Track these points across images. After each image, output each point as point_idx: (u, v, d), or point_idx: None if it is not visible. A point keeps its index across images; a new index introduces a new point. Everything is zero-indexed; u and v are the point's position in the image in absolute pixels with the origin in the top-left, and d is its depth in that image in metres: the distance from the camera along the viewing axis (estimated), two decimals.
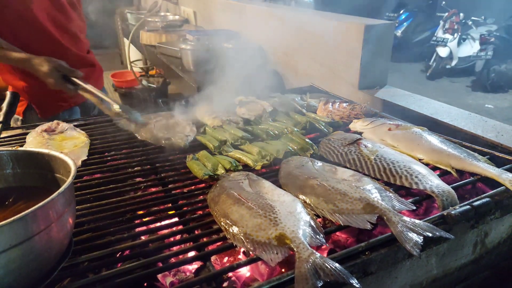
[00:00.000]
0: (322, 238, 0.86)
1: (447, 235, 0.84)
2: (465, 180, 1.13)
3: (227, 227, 0.92)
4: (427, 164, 1.19)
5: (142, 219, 1.03)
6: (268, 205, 0.95)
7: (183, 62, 2.91)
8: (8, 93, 1.71)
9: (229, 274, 0.93)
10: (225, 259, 1.01)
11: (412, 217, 1.02)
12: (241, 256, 0.99)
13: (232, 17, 3.74)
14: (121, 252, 0.91)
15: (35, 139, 1.41)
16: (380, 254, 0.83)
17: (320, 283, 0.72)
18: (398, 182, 1.08)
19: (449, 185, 1.05)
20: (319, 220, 0.97)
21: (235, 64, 2.11)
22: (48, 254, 0.73)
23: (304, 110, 1.76)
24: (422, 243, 0.80)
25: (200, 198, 1.12)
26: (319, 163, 1.21)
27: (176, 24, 4.17)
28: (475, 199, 0.97)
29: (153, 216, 1.04)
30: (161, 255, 0.87)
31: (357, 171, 1.17)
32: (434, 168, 1.18)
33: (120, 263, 0.88)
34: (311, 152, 1.35)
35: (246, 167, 1.28)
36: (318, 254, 0.77)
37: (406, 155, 1.23)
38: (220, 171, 1.22)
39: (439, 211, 0.97)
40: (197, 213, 1.05)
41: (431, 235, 0.83)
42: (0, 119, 1.57)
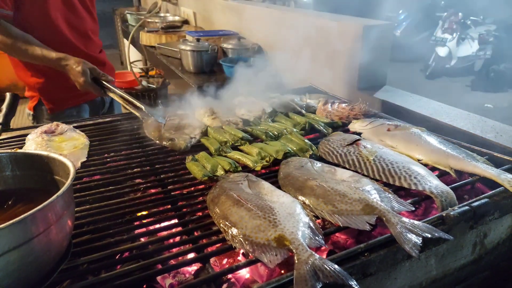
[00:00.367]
0: (321, 239, 0.86)
1: (446, 236, 0.84)
2: (464, 180, 1.13)
3: (226, 228, 0.92)
4: (426, 165, 1.19)
5: (142, 221, 1.03)
6: (267, 207, 0.95)
7: (183, 62, 2.91)
8: (8, 95, 1.71)
9: (229, 275, 0.93)
10: (225, 261, 1.01)
11: (411, 217, 1.03)
12: (240, 257, 0.99)
13: (231, 18, 3.75)
14: (120, 254, 0.91)
15: (34, 140, 1.41)
16: (379, 255, 0.83)
17: (319, 285, 0.72)
18: (397, 183, 1.08)
19: (448, 186, 1.05)
20: (319, 221, 0.97)
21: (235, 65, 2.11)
22: (47, 256, 0.73)
23: (303, 111, 1.76)
24: (421, 244, 0.81)
25: (199, 199, 1.12)
26: (318, 164, 1.21)
27: (176, 25, 4.18)
28: (474, 199, 0.97)
29: (153, 218, 1.04)
30: (160, 257, 0.87)
31: (356, 171, 1.17)
32: (433, 169, 1.18)
33: (119, 265, 0.88)
34: (310, 153, 1.35)
35: (246, 168, 1.28)
36: (317, 256, 0.77)
37: (405, 155, 1.23)
38: (220, 172, 1.22)
39: (438, 211, 0.97)
40: (197, 215, 1.06)
41: (430, 236, 0.83)
42: None
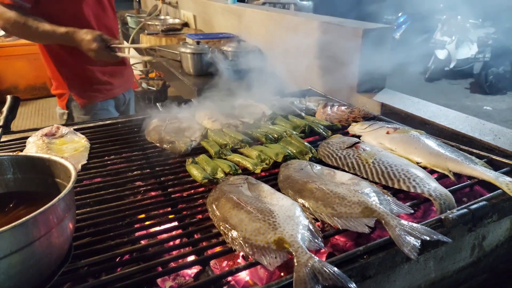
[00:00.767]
0: (320, 242, 0.86)
1: (444, 238, 0.85)
2: (463, 183, 1.13)
3: (226, 231, 0.92)
4: (425, 168, 1.19)
5: (142, 224, 1.04)
6: (267, 209, 0.95)
7: (183, 65, 2.92)
8: (9, 97, 1.72)
9: (228, 278, 0.93)
10: (225, 263, 1.02)
11: (410, 220, 1.04)
12: (240, 260, 1.00)
13: (231, 21, 3.76)
14: (120, 257, 0.91)
15: (35, 143, 1.41)
16: (378, 258, 0.84)
17: (318, 287, 0.72)
18: (396, 186, 1.09)
19: (447, 189, 1.06)
20: (318, 224, 0.98)
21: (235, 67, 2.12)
22: (49, 259, 0.73)
23: (303, 114, 1.76)
24: (419, 247, 0.81)
25: (199, 202, 1.13)
26: (317, 167, 1.21)
27: (176, 27, 4.20)
28: (472, 202, 0.98)
29: (153, 220, 1.05)
30: (160, 260, 0.88)
31: (356, 174, 1.18)
32: (432, 172, 1.19)
33: (120, 268, 0.88)
34: (310, 156, 1.35)
35: (246, 171, 1.29)
36: (316, 258, 0.78)
37: (404, 158, 1.24)
38: (220, 175, 1.23)
39: (436, 214, 0.97)
40: (197, 217, 1.06)
41: (428, 238, 0.84)
42: (0, 123, 1.58)
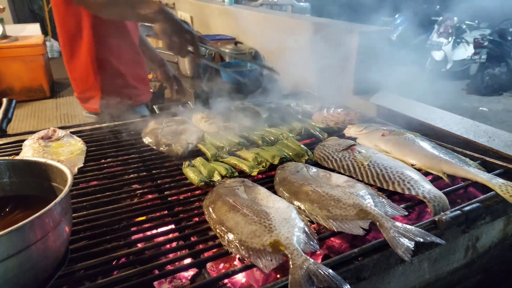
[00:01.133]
0: (315, 244, 0.87)
1: (438, 240, 0.86)
2: (457, 185, 1.14)
3: (222, 234, 0.93)
4: (420, 170, 1.20)
5: (138, 227, 1.04)
6: (263, 212, 0.96)
7: (180, 67, 2.93)
8: (4, 100, 1.72)
9: (225, 280, 0.94)
10: (221, 266, 1.02)
11: (405, 222, 1.04)
12: (236, 262, 1.00)
13: (228, 23, 3.77)
14: (117, 260, 0.91)
15: (31, 146, 1.41)
16: (373, 260, 0.85)
17: None
18: (391, 188, 1.10)
19: (442, 190, 1.07)
20: (314, 226, 0.99)
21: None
22: (45, 262, 0.73)
23: (299, 116, 1.77)
24: (413, 248, 0.82)
25: (196, 205, 1.13)
26: (313, 169, 1.22)
27: None
28: (466, 204, 0.99)
29: (149, 223, 1.05)
30: (157, 263, 0.88)
31: (351, 177, 1.18)
32: (426, 174, 1.20)
33: (116, 271, 0.88)
34: (306, 158, 1.36)
35: (242, 174, 1.29)
36: (311, 260, 0.79)
37: (399, 160, 1.25)
38: (216, 177, 1.24)
39: (431, 216, 0.98)
40: (193, 220, 1.06)
41: (422, 240, 0.85)
42: None
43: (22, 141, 1.50)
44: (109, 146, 1.53)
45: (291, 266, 0.78)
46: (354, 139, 1.49)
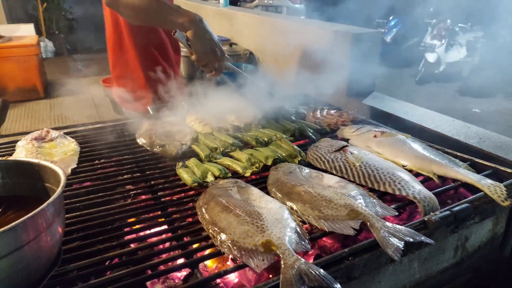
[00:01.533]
0: (307, 244, 0.88)
1: (427, 240, 0.87)
2: (447, 186, 1.16)
3: (215, 234, 0.94)
4: (411, 171, 1.22)
5: (132, 227, 1.05)
6: (255, 212, 0.97)
7: None
8: None
9: (217, 280, 0.94)
10: (214, 266, 1.03)
11: (396, 222, 1.06)
12: (229, 262, 1.01)
13: (223, 24, 3.78)
14: (110, 260, 0.92)
15: (24, 147, 1.41)
16: (363, 259, 0.86)
17: None
18: (382, 188, 1.11)
19: (432, 191, 1.08)
20: (306, 227, 1.00)
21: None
22: (38, 263, 0.74)
23: (293, 117, 1.78)
24: (403, 248, 0.83)
25: (189, 205, 1.14)
26: (306, 170, 1.23)
27: None
28: (455, 204, 1.00)
29: (143, 224, 1.06)
30: (150, 263, 0.88)
31: (343, 177, 1.20)
32: (417, 175, 1.22)
33: (109, 271, 0.89)
34: (299, 159, 1.37)
35: (236, 174, 1.30)
36: (303, 260, 0.80)
37: (390, 161, 1.26)
38: (210, 178, 1.24)
39: (421, 216, 1.00)
40: (186, 221, 1.07)
41: (412, 240, 0.86)
42: None
43: (16, 142, 1.49)
44: (103, 147, 1.53)
45: (283, 266, 0.79)
46: (347, 140, 1.50)
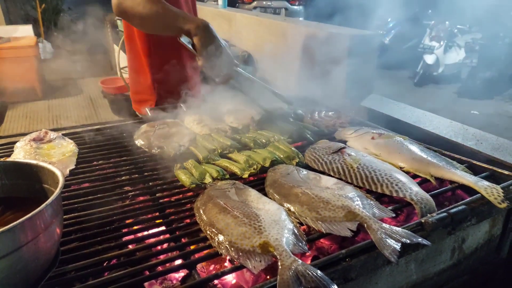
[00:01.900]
0: (304, 245, 0.89)
1: (424, 241, 0.88)
2: (444, 187, 1.17)
3: (212, 235, 0.94)
4: (408, 172, 1.22)
5: (130, 228, 1.05)
6: (253, 214, 0.97)
7: None
8: None
9: (215, 281, 0.95)
10: (212, 267, 1.03)
11: (393, 224, 1.06)
12: (227, 263, 1.01)
13: (222, 25, 3.79)
14: (108, 261, 0.92)
15: (23, 148, 1.41)
16: (360, 261, 0.86)
17: None
18: (379, 190, 1.12)
19: (429, 193, 1.09)
20: (304, 228, 1.00)
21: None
22: (36, 264, 0.74)
23: (291, 119, 1.79)
24: (400, 250, 0.84)
25: (187, 206, 1.14)
26: (304, 172, 1.24)
27: None
28: (452, 206, 1.01)
29: (141, 225, 1.06)
30: (148, 264, 0.89)
31: (341, 179, 1.20)
32: (414, 176, 1.22)
33: (107, 272, 0.89)
34: (297, 161, 1.38)
35: (234, 176, 1.30)
36: (300, 261, 0.80)
37: (388, 163, 1.27)
38: (208, 179, 1.25)
39: (418, 218, 1.00)
40: (184, 222, 1.07)
41: (409, 241, 0.86)
42: None
43: (14, 143, 1.49)
44: (101, 148, 1.53)
45: (280, 267, 0.80)
46: (345, 142, 1.51)
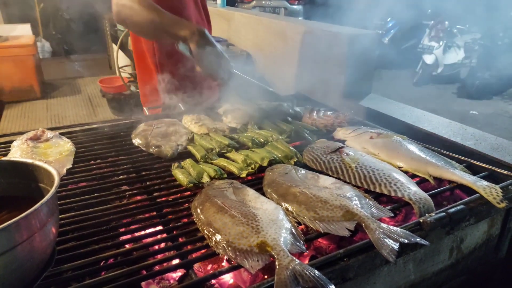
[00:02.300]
0: (302, 245, 0.88)
1: (422, 241, 0.87)
2: (443, 187, 1.16)
3: (210, 235, 0.94)
4: (407, 172, 1.22)
5: (127, 228, 1.04)
6: (250, 213, 0.97)
7: None
8: None
9: (212, 281, 0.94)
10: (209, 267, 1.03)
11: (392, 223, 1.06)
12: (225, 263, 1.01)
13: (220, 25, 3.78)
14: (105, 261, 0.91)
15: (19, 147, 1.41)
16: (358, 260, 0.86)
17: None
18: (377, 190, 1.11)
19: (428, 192, 1.08)
20: (302, 228, 1.00)
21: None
22: (31, 263, 0.73)
23: (289, 118, 1.78)
24: (398, 249, 0.83)
25: (185, 206, 1.14)
26: (302, 171, 1.23)
27: None
28: (450, 206, 1.00)
29: (138, 225, 1.05)
30: (145, 263, 0.88)
31: (339, 178, 1.20)
32: (413, 176, 1.22)
33: (104, 272, 0.89)
34: (295, 160, 1.37)
35: (231, 175, 1.30)
36: (297, 261, 0.79)
37: (386, 163, 1.26)
38: (205, 179, 1.24)
39: (416, 217, 1.00)
40: (182, 221, 1.07)
41: (407, 241, 0.86)
42: None
43: (11, 142, 1.49)
44: (98, 147, 1.52)
45: (277, 267, 0.79)
46: (343, 141, 1.50)
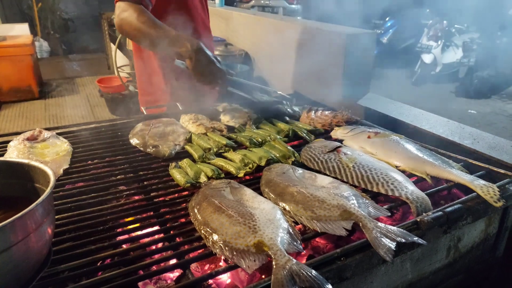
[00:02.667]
0: (299, 244, 0.88)
1: (419, 240, 0.87)
2: (440, 186, 1.16)
3: (207, 235, 0.93)
4: (404, 171, 1.22)
5: (124, 228, 1.04)
6: (248, 213, 0.97)
7: None
8: None
9: (209, 281, 0.94)
10: (207, 267, 1.03)
11: (389, 223, 1.06)
12: (222, 263, 1.00)
13: (219, 24, 3.77)
14: (102, 261, 0.91)
15: (16, 147, 1.40)
16: (355, 260, 0.86)
17: None
18: (375, 189, 1.11)
19: (425, 192, 1.08)
20: (299, 227, 0.99)
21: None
22: (26, 264, 0.73)
23: (287, 118, 1.78)
24: (395, 249, 0.83)
25: (182, 206, 1.14)
26: (299, 171, 1.23)
27: None
28: (447, 205, 1.01)
29: (135, 225, 1.05)
30: (142, 263, 0.88)
31: (336, 178, 1.20)
32: (410, 175, 1.22)
33: (101, 272, 0.88)
34: (293, 160, 1.37)
35: (229, 175, 1.30)
36: (294, 261, 0.79)
37: (384, 162, 1.26)
38: (203, 179, 1.24)
39: (413, 217, 1.00)
40: (179, 221, 1.07)
41: (404, 240, 0.86)
42: None
43: (7, 142, 1.48)
44: (95, 147, 1.52)
45: (274, 267, 0.79)
46: (341, 141, 1.50)
